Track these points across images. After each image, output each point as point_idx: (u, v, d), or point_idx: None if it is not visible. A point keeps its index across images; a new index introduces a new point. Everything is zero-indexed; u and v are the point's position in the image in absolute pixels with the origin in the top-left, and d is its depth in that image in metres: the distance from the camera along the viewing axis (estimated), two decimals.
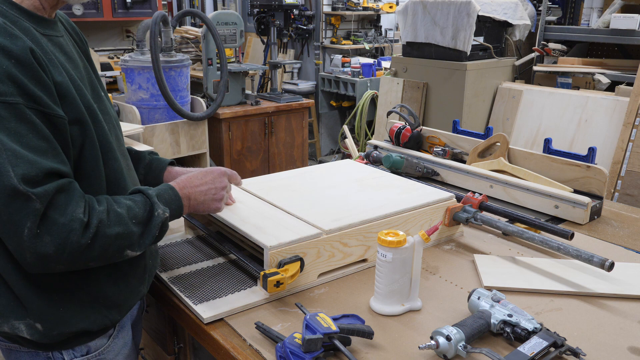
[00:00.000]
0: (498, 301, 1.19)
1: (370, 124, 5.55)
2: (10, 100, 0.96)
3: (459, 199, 1.73)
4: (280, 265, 1.29)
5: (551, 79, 4.22)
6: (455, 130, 2.43)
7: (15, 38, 1.00)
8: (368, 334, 1.12)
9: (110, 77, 4.35)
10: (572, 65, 4.14)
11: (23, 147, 0.96)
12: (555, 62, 4.25)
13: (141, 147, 3.47)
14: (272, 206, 1.55)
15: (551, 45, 4.31)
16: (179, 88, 4.02)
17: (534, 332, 1.12)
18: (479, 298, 1.21)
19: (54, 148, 1.02)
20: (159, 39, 3.93)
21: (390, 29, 6.88)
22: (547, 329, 1.13)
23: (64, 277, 1.11)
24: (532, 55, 4.35)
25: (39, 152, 0.98)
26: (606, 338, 1.18)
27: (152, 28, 3.48)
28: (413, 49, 4.34)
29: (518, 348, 1.07)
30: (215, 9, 8.02)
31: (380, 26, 6.82)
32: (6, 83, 0.96)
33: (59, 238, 0.98)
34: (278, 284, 1.25)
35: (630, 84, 3.57)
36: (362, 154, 2.38)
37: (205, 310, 1.26)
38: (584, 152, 1.98)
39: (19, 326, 1.11)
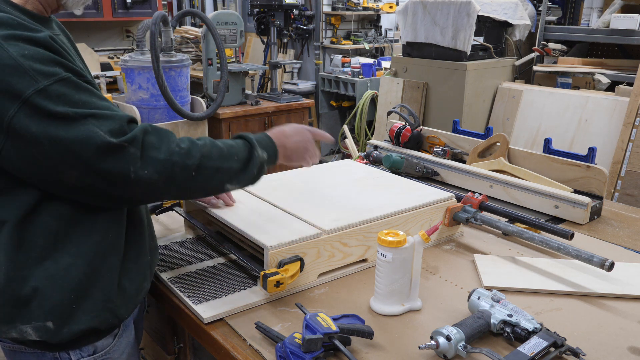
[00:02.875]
0: (498, 301, 1.19)
1: (370, 124, 5.55)
2: (64, 77, 1.01)
3: (459, 199, 1.73)
4: (280, 265, 1.29)
5: (551, 79, 4.22)
6: (455, 130, 2.43)
7: (34, 30, 1.03)
8: (368, 334, 1.12)
9: (110, 77, 4.35)
10: (572, 65, 4.14)
11: (95, 108, 1.02)
12: (555, 62, 4.25)
13: None
14: (272, 206, 1.55)
15: (551, 45, 4.31)
16: (179, 88, 4.02)
17: (534, 332, 1.12)
18: (479, 298, 1.21)
19: (112, 104, 1.08)
20: (159, 39, 3.93)
21: (390, 29, 6.87)
22: (547, 329, 1.13)
23: (76, 273, 1.11)
24: (532, 55, 4.35)
25: (109, 108, 1.05)
26: (606, 338, 1.18)
27: (152, 28, 3.48)
28: (413, 49, 4.34)
29: (518, 348, 1.07)
30: (215, 9, 8.01)
31: (380, 26, 6.82)
32: (52, 64, 1.01)
33: (165, 172, 1.06)
34: (278, 284, 1.25)
35: (630, 84, 3.57)
36: (362, 154, 2.38)
37: (205, 310, 1.26)
38: (584, 152, 1.98)
39: (27, 329, 1.10)
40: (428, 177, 2.18)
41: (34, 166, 1.01)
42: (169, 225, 1.77)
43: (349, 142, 2.77)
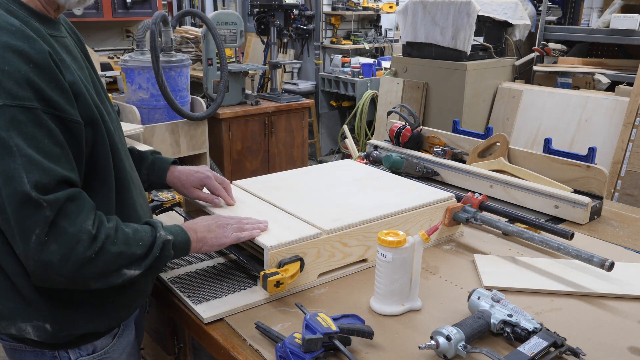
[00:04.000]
0: (498, 301, 1.19)
1: (370, 124, 5.55)
2: (28, 105, 0.96)
3: (459, 199, 1.73)
4: (280, 265, 1.29)
5: (551, 79, 4.22)
6: (455, 130, 2.43)
7: (32, 41, 0.99)
8: (368, 334, 1.12)
9: (110, 77, 4.35)
10: (572, 65, 4.14)
11: (38, 152, 0.97)
12: (555, 62, 4.25)
13: (142, 147, 3.47)
14: (272, 206, 1.55)
15: (551, 45, 4.30)
16: (179, 88, 4.02)
17: (534, 332, 1.12)
18: (479, 298, 1.21)
19: (67, 155, 1.02)
20: (159, 39, 3.94)
21: (390, 29, 6.87)
22: (547, 329, 1.13)
23: None
24: (532, 55, 4.34)
25: (53, 159, 0.99)
26: (606, 338, 1.18)
27: (152, 28, 3.48)
28: (413, 49, 4.34)
29: (518, 348, 1.07)
30: (215, 9, 8.01)
31: (380, 26, 6.82)
32: (25, 88, 0.96)
33: (65, 247, 0.98)
34: (278, 284, 1.24)
35: (630, 84, 3.57)
36: (362, 154, 2.38)
37: (205, 310, 1.26)
38: (584, 152, 1.98)
39: (26, 328, 1.11)
40: (428, 177, 2.18)
41: None
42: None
43: (349, 142, 2.78)
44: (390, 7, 6.61)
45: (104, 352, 1.22)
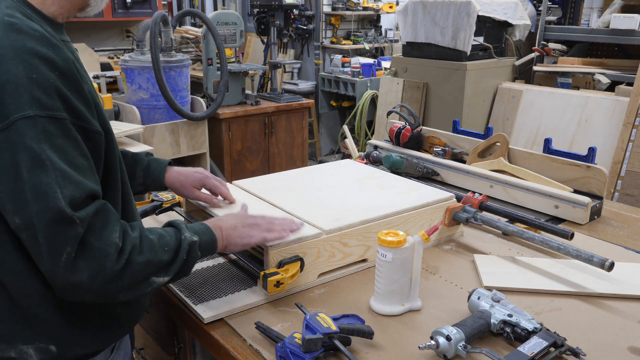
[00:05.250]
0: (498, 301, 1.19)
1: (370, 124, 5.55)
2: (59, 116, 0.94)
3: (459, 199, 1.73)
4: (281, 265, 1.29)
5: (551, 79, 4.22)
6: (455, 130, 2.43)
7: (57, 48, 0.97)
8: (368, 334, 1.12)
9: (110, 77, 4.36)
10: (572, 65, 4.14)
11: (70, 165, 0.94)
12: (555, 62, 4.25)
13: (141, 147, 3.48)
14: (272, 206, 1.55)
15: (551, 45, 4.31)
16: (179, 88, 4.03)
17: (534, 332, 1.12)
18: (479, 298, 1.21)
19: (91, 167, 1.01)
20: (159, 39, 3.94)
21: (390, 29, 6.87)
22: (547, 329, 1.13)
23: None
24: (532, 55, 4.34)
25: (82, 171, 0.97)
26: (606, 338, 1.18)
27: (152, 28, 3.49)
28: (413, 49, 4.34)
29: (518, 348, 1.07)
30: (215, 9, 8.01)
31: (380, 26, 6.82)
32: (54, 97, 0.94)
33: (93, 263, 0.96)
34: (278, 284, 1.25)
35: (630, 84, 3.57)
36: (362, 154, 2.38)
37: (205, 310, 1.26)
38: (584, 152, 1.98)
39: (28, 350, 1.05)
40: (428, 177, 2.18)
41: None
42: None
43: (349, 142, 2.78)
44: (390, 7, 6.61)
45: None
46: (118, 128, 3.51)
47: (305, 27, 6.27)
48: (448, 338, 1.07)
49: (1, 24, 0.96)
